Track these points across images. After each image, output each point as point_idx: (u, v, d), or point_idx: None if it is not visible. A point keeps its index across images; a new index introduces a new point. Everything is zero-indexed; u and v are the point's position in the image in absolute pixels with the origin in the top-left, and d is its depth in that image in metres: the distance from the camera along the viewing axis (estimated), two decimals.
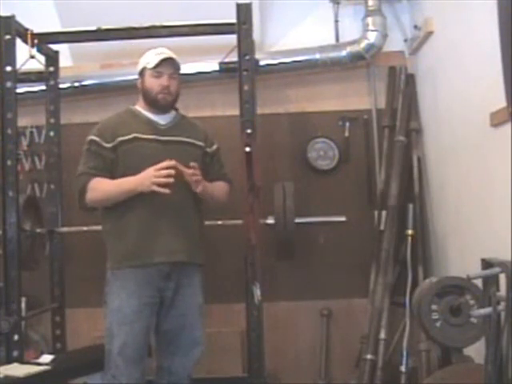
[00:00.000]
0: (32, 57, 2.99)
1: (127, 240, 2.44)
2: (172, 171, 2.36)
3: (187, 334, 2.50)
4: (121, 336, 2.37)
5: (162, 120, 2.56)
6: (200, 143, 2.61)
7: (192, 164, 2.41)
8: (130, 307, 2.38)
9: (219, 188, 2.65)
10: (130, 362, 2.38)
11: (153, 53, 2.54)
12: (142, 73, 2.55)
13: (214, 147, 2.68)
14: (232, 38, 2.84)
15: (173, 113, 2.61)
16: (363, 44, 3.38)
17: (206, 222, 2.72)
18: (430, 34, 3.10)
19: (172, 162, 2.37)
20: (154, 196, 2.38)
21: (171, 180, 2.35)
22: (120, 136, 2.48)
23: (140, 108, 2.58)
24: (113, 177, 2.47)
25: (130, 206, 2.43)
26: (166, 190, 2.34)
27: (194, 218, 2.54)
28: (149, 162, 2.40)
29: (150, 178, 2.36)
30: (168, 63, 2.51)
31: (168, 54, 2.52)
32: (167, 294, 2.46)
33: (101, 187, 2.46)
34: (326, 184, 3.52)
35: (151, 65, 2.50)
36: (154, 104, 2.53)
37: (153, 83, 2.51)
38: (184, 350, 2.51)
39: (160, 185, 2.34)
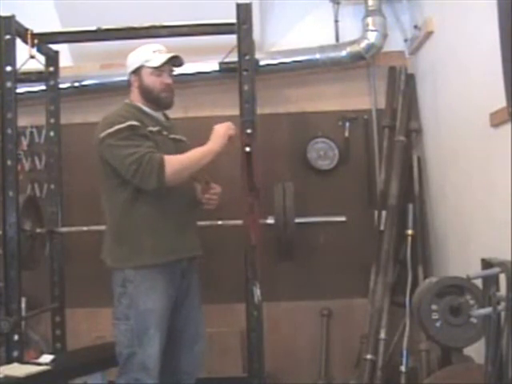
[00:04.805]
0: (32, 57, 2.99)
1: (161, 236, 2.36)
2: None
3: (192, 329, 2.50)
4: (156, 338, 2.30)
5: (161, 117, 2.53)
6: (188, 142, 2.61)
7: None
8: (163, 308, 2.34)
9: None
10: (159, 364, 2.32)
11: (150, 50, 2.46)
12: (138, 70, 2.45)
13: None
14: (232, 38, 2.84)
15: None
16: (363, 44, 3.38)
17: (207, 222, 2.73)
18: (430, 33, 3.10)
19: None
20: (176, 192, 2.36)
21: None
22: (147, 126, 2.38)
23: (140, 104, 2.47)
24: None
25: (155, 203, 2.34)
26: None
27: (197, 213, 2.59)
28: None
29: (225, 136, 2.42)
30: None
31: (166, 51, 2.47)
32: (181, 293, 2.45)
33: (180, 159, 2.34)
34: (326, 184, 3.52)
35: (154, 63, 2.42)
36: (156, 102, 2.46)
37: (154, 81, 2.43)
38: (188, 346, 2.49)
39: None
